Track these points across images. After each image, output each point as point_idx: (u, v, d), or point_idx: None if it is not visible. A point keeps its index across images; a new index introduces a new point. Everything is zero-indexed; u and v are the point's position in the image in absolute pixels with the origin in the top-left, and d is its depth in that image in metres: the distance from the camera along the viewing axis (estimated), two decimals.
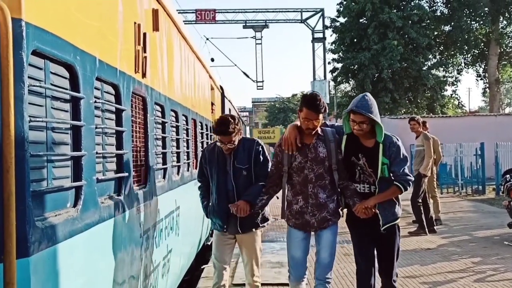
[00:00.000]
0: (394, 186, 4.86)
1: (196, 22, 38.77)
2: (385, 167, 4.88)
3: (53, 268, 2.62)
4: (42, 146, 2.67)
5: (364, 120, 4.80)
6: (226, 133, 5.11)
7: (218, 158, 5.31)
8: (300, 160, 4.98)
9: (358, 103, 4.81)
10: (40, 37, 2.52)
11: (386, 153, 4.87)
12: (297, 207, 5.03)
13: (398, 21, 35.26)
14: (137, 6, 4.47)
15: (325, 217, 5.02)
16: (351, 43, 38.45)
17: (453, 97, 42.50)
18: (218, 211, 5.29)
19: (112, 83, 3.75)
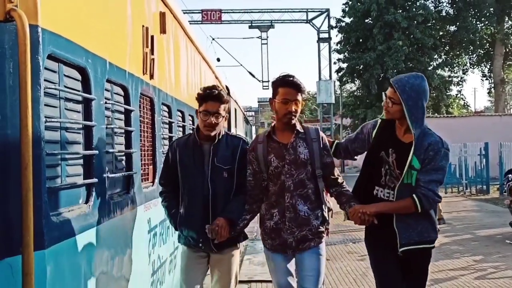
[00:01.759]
0: (410, 198, 3.83)
1: (202, 22, 38.98)
2: (414, 173, 3.86)
3: (67, 260, 2.77)
4: (56, 145, 2.82)
5: (393, 96, 3.92)
6: (216, 98, 4.13)
7: (193, 154, 4.20)
8: (277, 163, 4.07)
9: (400, 76, 3.99)
10: (54, 42, 2.66)
11: (420, 155, 3.84)
12: (271, 223, 4.10)
13: (403, 21, 35.38)
14: (145, 10, 4.61)
15: (305, 236, 4.07)
16: (356, 43, 38.61)
17: (458, 97, 42.59)
18: (190, 221, 4.16)
19: (122, 84, 3.89)
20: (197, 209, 4.13)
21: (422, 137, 3.86)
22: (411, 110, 3.84)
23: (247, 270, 8.39)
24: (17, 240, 2.36)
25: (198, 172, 4.16)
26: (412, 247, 3.90)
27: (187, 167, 4.19)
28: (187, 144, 4.26)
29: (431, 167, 3.83)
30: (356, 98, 40.70)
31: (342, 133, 47.00)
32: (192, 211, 4.15)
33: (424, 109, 3.92)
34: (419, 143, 3.84)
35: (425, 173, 3.83)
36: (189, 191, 4.18)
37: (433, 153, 3.83)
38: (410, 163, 3.85)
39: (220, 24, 40.36)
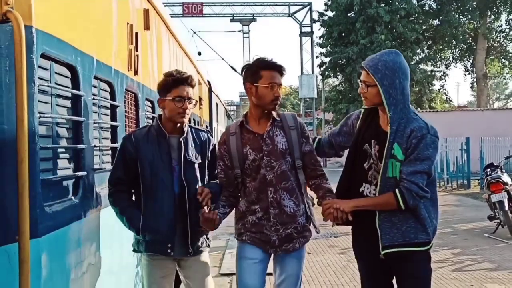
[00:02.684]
0: (392, 193, 3.43)
1: (183, 15, 39.10)
2: (398, 164, 3.45)
3: (59, 248, 2.96)
4: (49, 140, 3.00)
5: (367, 79, 3.56)
6: (188, 81, 3.89)
7: (159, 149, 3.86)
8: (254, 156, 3.80)
9: (371, 56, 3.63)
10: (47, 41, 2.85)
11: (402, 143, 3.44)
12: (254, 218, 3.84)
13: (386, 15, 35.76)
14: (130, 7, 4.79)
15: (290, 234, 3.82)
16: (339, 37, 38.92)
17: (441, 92, 43.12)
18: (157, 223, 3.78)
19: (108, 81, 4.07)
20: (167, 210, 3.79)
21: (405, 123, 3.46)
22: (388, 91, 3.45)
23: (229, 263, 8.62)
24: (14, 229, 2.54)
25: (166, 168, 3.83)
26: (395, 249, 3.49)
27: (152, 164, 3.81)
28: (148, 138, 3.88)
29: (414, 156, 3.39)
30: (339, 93, 41.08)
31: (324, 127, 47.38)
32: (160, 212, 3.78)
33: (405, 90, 3.50)
34: (402, 130, 3.44)
35: (408, 164, 3.40)
36: (155, 190, 3.80)
37: (416, 141, 3.39)
38: (390, 153, 3.45)
39: (202, 17, 40.48)
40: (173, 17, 38.15)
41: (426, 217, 3.52)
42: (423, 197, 3.45)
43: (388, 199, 3.45)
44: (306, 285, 7.36)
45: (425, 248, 3.55)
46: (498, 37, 42.12)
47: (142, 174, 3.83)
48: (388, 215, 3.49)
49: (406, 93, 3.53)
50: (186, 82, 3.88)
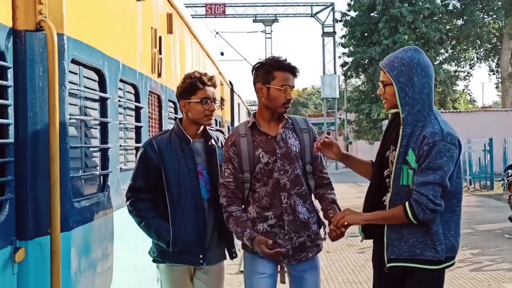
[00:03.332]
0: (401, 206, 3.15)
1: (206, 16, 39.43)
2: (412, 172, 3.16)
3: (87, 241, 3.17)
4: (78, 140, 3.21)
5: (384, 78, 3.30)
6: (213, 82, 3.83)
7: (184, 155, 3.74)
8: (267, 159, 3.58)
9: (388, 55, 3.39)
10: (77, 48, 3.05)
11: (415, 149, 3.15)
12: (265, 226, 3.57)
13: (409, 15, 35.63)
14: (154, 13, 4.99)
15: (304, 243, 3.59)
16: (361, 37, 38.88)
17: (465, 92, 42.85)
18: (190, 236, 3.66)
19: (132, 83, 4.28)
20: (196, 218, 3.69)
21: (421, 127, 3.16)
22: (404, 89, 3.18)
23: None
24: (46, 223, 2.75)
25: (191, 175, 3.71)
26: (400, 264, 3.22)
27: (177, 172, 3.68)
28: (171, 145, 3.75)
29: (426, 165, 3.10)
30: (361, 93, 41.05)
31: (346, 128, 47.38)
32: (190, 222, 3.67)
33: (424, 89, 3.20)
34: (417, 134, 3.15)
35: (419, 174, 3.11)
36: (183, 199, 3.67)
37: (428, 148, 3.09)
38: (403, 159, 3.17)
39: (224, 18, 40.76)
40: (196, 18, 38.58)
41: (438, 233, 3.16)
42: (434, 211, 3.09)
43: (396, 213, 3.16)
44: (324, 284, 7.51)
45: (433, 267, 3.18)
46: None
47: (168, 184, 3.66)
48: (398, 226, 3.21)
49: (426, 92, 3.19)
50: (211, 83, 3.81)
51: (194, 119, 3.78)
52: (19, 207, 2.69)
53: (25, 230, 2.71)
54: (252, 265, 3.64)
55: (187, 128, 3.81)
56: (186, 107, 3.79)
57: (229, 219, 3.59)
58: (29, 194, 2.74)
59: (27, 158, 2.74)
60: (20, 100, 2.71)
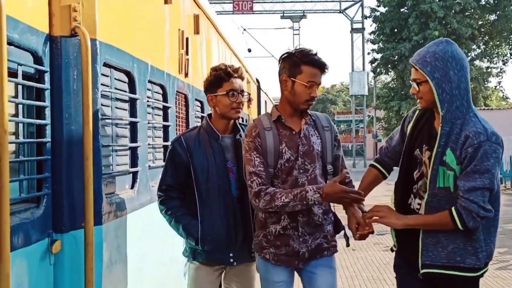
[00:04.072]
0: (448, 211, 2.99)
1: (233, 12, 39.65)
2: (451, 174, 3.01)
3: (118, 235, 3.39)
4: (109, 139, 3.42)
5: (417, 76, 3.11)
6: (240, 73, 3.78)
7: (213, 152, 3.72)
8: (289, 155, 3.44)
9: (418, 51, 3.20)
10: (108, 52, 3.26)
11: (456, 149, 2.99)
12: (278, 228, 3.43)
13: (440, 11, 35.44)
14: (181, 14, 5.19)
15: (320, 244, 3.48)
16: (391, 33, 38.77)
17: (497, 89, 42.45)
18: (220, 233, 3.66)
19: (160, 84, 4.48)
20: (227, 216, 3.68)
21: (460, 124, 3.00)
22: (440, 85, 3.00)
23: None
24: (80, 217, 2.96)
25: (221, 172, 3.70)
26: (436, 270, 3.08)
27: (207, 169, 3.67)
28: (200, 141, 3.73)
29: (472, 169, 2.92)
30: (391, 90, 40.96)
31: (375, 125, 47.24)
32: (220, 220, 3.66)
33: (462, 84, 3.03)
34: (457, 133, 3.00)
35: (466, 178, 2.94)
36: (212, 196, 3.67)
37: (473, 150, 2.92)
38: (440, 159, 3.02)
39: (252, 14, 40.94)
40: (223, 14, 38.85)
41: (480, 239, 3.03)
42: (485, 218, 2.96)
43: (442, 219, 3.00)
44: (350, 280, 7.68)
45: (473, 274, 3.06)
46: None
47: (197, 181, 3.66)
48: (434, 230, 3.07)
49: (464, 87, 3.04)
50: (237, 74, 3.74)
51: (222, 113, 3.73)
52: (55, 202, 2.91)
53: (61, 223, 2.92)
54: (267, 272, 3.51)
55: (216, 123, 3.78)
56: (213, 101, 3.76)
57: (275, 195, 3.30)
58: (65, 190, 2.95)
59: (63, 156, 2.95)
60: (56, 102, 2.92)
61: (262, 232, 3.50)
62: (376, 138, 49.11)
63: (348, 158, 55.34)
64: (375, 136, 48.92)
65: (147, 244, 3.96)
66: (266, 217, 3.48)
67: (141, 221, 3.85)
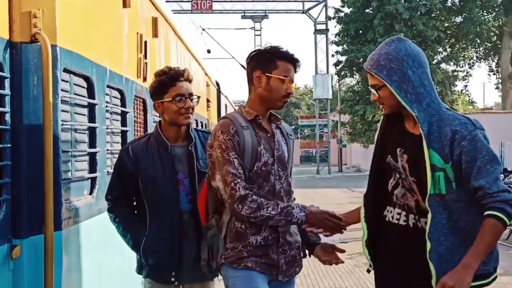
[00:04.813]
0: (490, 218, 2.76)
1: (192, 11, 39.72)
2: (440, 174, 2.88)
3: (78, 241, 3.56)
4: (68, 144, 3.59)
5: (374, 82, 3.06)
6: (186, 76, 3.67)
7: (161, 161, 3.62)
8: (267, 159, 3.33)
9: (370, 55, 3.13)
10: (68, 57, 3.43)
11: (441, 148, 2.88)
12: (259, 240, 3.29)
13: (405, 12, 36.12)
14: (140, 18, 5.37)
15: (294, 256, 3.43)
16: (355, 35, 39.29)
17: (464, 93, 43.38)
18: (162, 248, 3.55)
19: (119, 88, 4.66)
20: (172, 231, 3.57)
21: (437, 121, 2.93)
22: (401, 87, 2.95)
23: None
24: (40, 223, 3.12)
25: (170, 183, 3.59)
26: None
27: (154, 179, 3.57)
28: (148, 149, 3.64)
29: (481, 161, 2.82)
30: (355, 93, 41.49)
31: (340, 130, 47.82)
32: (164, 234, 3.56)
33: (424, 80, 2.99)
34: (436, 130, 2.91)
35: (479, 175, 2.80)
36: (161, 208, 3.58)
37: (468, 143, 2.83)
38: (432, 162, 2.89)
39: (211, 14, 41.11)
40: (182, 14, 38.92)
41: None
42: None
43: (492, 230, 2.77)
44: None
45: (484, 281, 2.90)
46: None
47: (145, 191, 3.60)
48: (434, 245, 2.88)
49: (428, 83, 3.00)
50: (183, 77, 3.64)
51: (170, 120, 3.64)
52: (15, 207, 3.07)
53: (20, 229, 3.09)
54: (251, 281, 3.28)
55: (165, 131, 3.68)
56: (160, 108, 3.67)
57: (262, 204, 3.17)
58: (24, 195, 3.12)
59: (23, 161, 3.12)
60: (16, 107, 3.10)
61: (241, 244, 3.28)
62: (341, 143, 49.76)
63: (312, 164, 55.97)
64: (339, 141, 49.56)
65: (106, 250, 4.13)
66: (246, 227, 3.28)
67: (100, 227, 4.01)
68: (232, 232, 3.31)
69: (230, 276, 3.32)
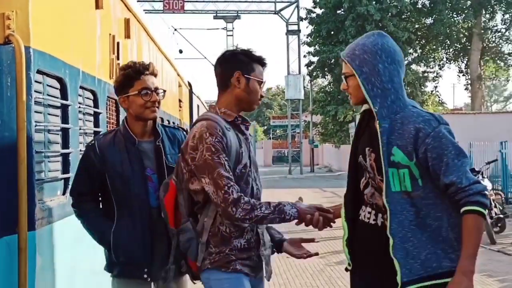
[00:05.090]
0: (468, 214, 2.77)
1: (163, 11, 39.60)
2: (406, 171, 2.88)
3: (51, 241, 3.59)
4: (42, 145, 3.62)
5: (346, 71, 3.07)
6: (150, 69, 3.64)
7: (129, 157, 3.58)
8: (246, 161, 3.31)
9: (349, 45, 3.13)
10: (42, 59, 3.46)
11: (405, 145, 2.87)
12: (242, 242, 3.27)
13: (376, 13, 36.58)
14: (112, 19, 5.41)
15: (269, 256, 3.47)
16: (327, 35, 39.63)
17: (434, 94, 43.93)
18: (133, 245, 3.52)
19: (92, 89, 4.69)
20: (142, 227, 3.54)
21: (401, 118, 2.92)
22: (369, 79, 2.94)
23: None
24: (14, 223, 3.16)
25: (138, 179, 3.56)
26: (416, 285, 2.85)
27: (122, 175, 3.54)
28: (115, 145, 3.60)
29: (449, 157, 2.81)
30: (327, 94, 41.83)
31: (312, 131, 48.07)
32: (134, 230, 3.53)
33: (395, 77, 2.97)
34: (399, 127, 2.90)
35: (450, 170, 2.80)
36: (129, 204, 3.54)
37: (432, 140, 2.83)
38: (389, 160, 2.88)
39: (183, 14, 41.08)
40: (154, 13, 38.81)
41: (449, 238, 2.88)
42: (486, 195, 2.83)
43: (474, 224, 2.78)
44: (282, 287, 7.99)
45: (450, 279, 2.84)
46: (493, 37, 43.05)
47: (113, 187, 3.55)
48: (400, 241, 2.87)
49: (398, 81, 2.98)
50: (149, 71, 3.62)
51: (136, 114, 3.60)
52: None
53: None
54: (238, 284, 3.26)
55: (132, 127, 3.64)
56: (125, 103, 3.62)
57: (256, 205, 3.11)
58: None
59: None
60: None
61: (227, 248, 3.24)
62: (313, 144, 50.02)
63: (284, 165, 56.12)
64: (311, 142, 49.81)
65: (80, 250, 4.16)
66: (230, 231, 3.24)
67: (74, 227, 4.03)
68: (218, 237, 3.24)
69: (215, 279, 3.27)
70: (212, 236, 3.25)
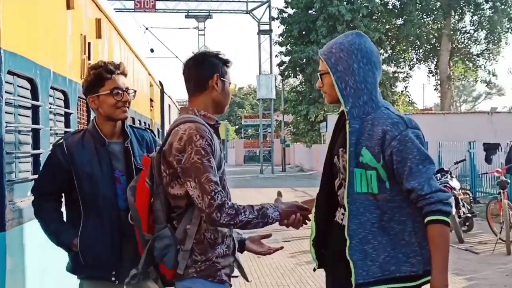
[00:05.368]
0: (431, 224, 2.79)
1: (134, 10, 39.39)
2: (374, 173, 2.89)
3: (21, 242, 3.59)
4: (12, 146, 3.61)
5: (322, 69, 3.10)
6: (121, 69, 3.64)
7: (98, 158, 3.56)
8: (223, 166, 3.27)
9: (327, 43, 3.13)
10: (12, 60, 3.46)
11: (373, 147, 2.88)
12: (224, 249, 3.24)
13: (347, 14, 36.83)
14: (83, 19, 5.40)
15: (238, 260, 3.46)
16: (299, 35, 39.79)
17: (404, 94, 44.37)
18: (101, 246, 3.49)
19: (63, 90, 4.68)
20: (110, 229, 3.52)
21: (372, 120, 2.92)
22: (343, 78, 2.95)
23: None
24: None
25: (107, 180, 3.54)
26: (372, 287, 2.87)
27: (90, 176, 3.50)
28: (84, 145, 3.56)
29: (413, 162, 2.81)
30: (299, 94, 42.01)
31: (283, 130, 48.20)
32: (103, 232, 3.50)
33: (369, 78, 2.98)
34: (369, 129, 2.91)
35: (413, 176, 2.81)
36: (97, 206, 3.51)
37: (398, 143, 2.82)
38: (356, 160, 2.90)
39: (155, 13, 40.90)
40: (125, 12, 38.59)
41: (411, 243, 2.90)
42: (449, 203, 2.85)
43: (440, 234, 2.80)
44: (254, 286, 8.06)
45: (411, 284, 2.89)
46: (462, 38, 43.60)
47: (80, 188, 3.50)
48: (359, 242, 2.89)
49: (372, 82, 2.98)
50: (119, 70, 3.61)
51: (107, 114, 3.58)
52: None
53: None
54: None
55: (101, 127, 3.61)
56: (95, 103, 3.59)
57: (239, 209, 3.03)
58: None
59: None
60: None
61: (213, 255, 3.17)
62: (284, 143, 50.15)
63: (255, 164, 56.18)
64: (283, 141, 49.92)
65: (50, 251, 4.15)
66: (215, 237, 3.18)
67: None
68: (203, 244, 3.15)
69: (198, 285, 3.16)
70: (197, 244, 3.14)
